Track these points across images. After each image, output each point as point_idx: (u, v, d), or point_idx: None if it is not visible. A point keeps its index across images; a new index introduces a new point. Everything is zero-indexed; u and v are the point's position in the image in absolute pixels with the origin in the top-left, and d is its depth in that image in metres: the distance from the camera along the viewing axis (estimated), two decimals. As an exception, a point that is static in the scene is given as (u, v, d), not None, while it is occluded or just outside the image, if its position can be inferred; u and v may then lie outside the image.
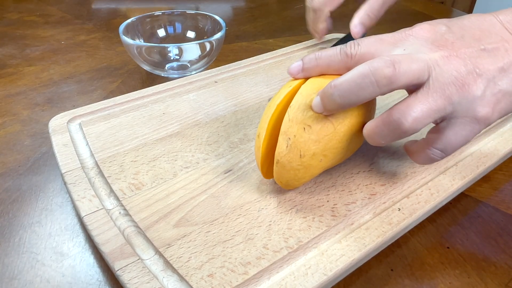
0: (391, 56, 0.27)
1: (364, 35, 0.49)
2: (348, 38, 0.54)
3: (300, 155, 0.28)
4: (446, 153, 0.28)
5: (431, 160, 0.29)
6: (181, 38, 0.58)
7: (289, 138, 0.28)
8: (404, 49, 0.28)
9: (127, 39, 0.49)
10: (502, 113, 0.28)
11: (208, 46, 0.50)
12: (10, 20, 0.73)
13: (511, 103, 0.27)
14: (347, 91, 0.27)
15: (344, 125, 0.29)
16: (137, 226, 0.29)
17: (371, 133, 0.29)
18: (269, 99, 0.39)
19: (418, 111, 0.26)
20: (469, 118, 0.27)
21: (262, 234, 0.28)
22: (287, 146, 0.28)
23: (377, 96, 0.28)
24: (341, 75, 0.28)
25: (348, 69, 0.28)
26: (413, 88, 0.27)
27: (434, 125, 0.29)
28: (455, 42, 0.27)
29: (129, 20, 0.53)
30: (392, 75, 0.26)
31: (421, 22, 0.30)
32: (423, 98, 0.26)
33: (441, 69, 0.26)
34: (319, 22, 0.53)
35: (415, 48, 0.28)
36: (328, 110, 0.28)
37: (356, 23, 0.49)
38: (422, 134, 0.30)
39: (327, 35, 0.60)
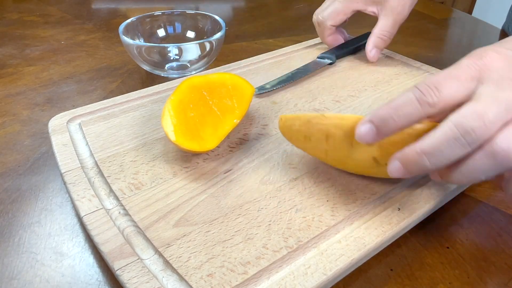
0: (476, 109, 0.24)
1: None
2: (362, 38, 0.55)
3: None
4: (468, 181, 0.27)
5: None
6: (181, 38, 0.58)
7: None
8: (483, 83, 0.25)
9: (127, 39, 0.49)
10: None
11: (208, 46, 0.50)
12: (10, 20, 0.74)
13: None
14: (439, 156, 0.25)
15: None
16: (136, 226, 0.29)
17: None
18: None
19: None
20: (480, 148, 0.25)
21: (261, 233, 0.28)
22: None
23: None
24: None
25: (429, 116, 0.26)
26: None
27: None
28: None
29: (129, 20, 0.53)
30: (484, 131, 0.24)
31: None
32: None
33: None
34: (324, 35, 0.54)
35: (495, 82, 0.25)
36: (412, 173, 0.26)
37: (371, 48, 0.51)
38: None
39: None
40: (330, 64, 0.51)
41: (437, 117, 0.26)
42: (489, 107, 0.24)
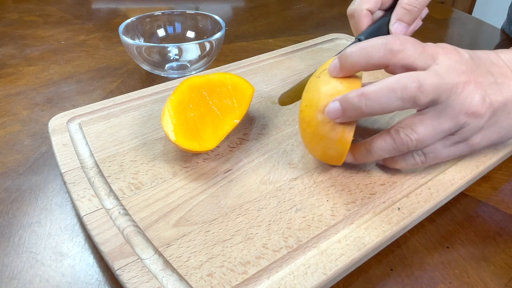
0: (420, 75, 0.28)
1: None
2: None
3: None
4: (428, 162, 0.32)
5: (412, 165, 0.32)
6: (181, 38, 0.58)
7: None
8: (437, 64, 0.29)
9: (127, 39, 0.49)
10: (488, 142, 0.31)
11: (208, 46, 0.50)
12: (10, 20, 0.74)
13: (498, 135, 0.31)
14: (375, 102, 0.28)
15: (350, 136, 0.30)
16: (136, 226, 0.29)
17: (377, 148, 0.31)
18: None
19: (425, 132, 0.29)
20: (463, 142, 0.30)
21: (261, 233, 0.28)
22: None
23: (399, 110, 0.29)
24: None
25: (387, 65, 0.30)
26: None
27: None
28: (474, 70, 0.29)
29: (129, 20, 0.53)
30: (416, 94, 0.28)
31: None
32: (433, 119, 0.29)
33: (459, 95, 0.28)
34: (362, 25, 0.41)
35: (446, 65, 0.29)
36: (348, 117, 0.29)
37: (393, 21, 0.40)
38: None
39: (328, 34, 0.60)
40: None
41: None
42: (430, 79, 0.28)
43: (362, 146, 0.32)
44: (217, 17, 0.55)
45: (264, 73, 0.49)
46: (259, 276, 0.26)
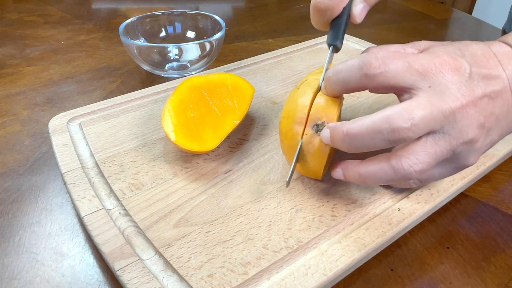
0: (410, 109, 0.25)
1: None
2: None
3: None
4: (423, 183, 0.30)
5: (408, 186, 0.31)
6: (181, 38, 0.58)
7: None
8: (430, 86, 0.26)
9: (127, 39, 0.49)
10: (480, 156, 0.29)
11: (208, 46, 0.50)
12: (10, 20, 0.73)
13: (490, 147, 0.29)
14: (360, 143, 0.26)
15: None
16: (137, 226, 0.29)
17: (372, 177, 0.28)
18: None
19: (428, 162, 0.26)
20: (458, 165, 0.28)
21: (262, 234, 0.28)
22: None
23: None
24: None
25: (367, 88, 0.28)
26: None
27: None
28: (475, 89, 0.26)
29: (129, 20, 0.53)
30: (407, 135, 0.25)
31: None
32: (433, 147, 0.26)
33: (456, 124, 0.26)
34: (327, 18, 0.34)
35: (441, 90, 0.26)
36: (336, 146, 0.28)
37: (358, 1, 0.33)
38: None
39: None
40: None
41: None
42: (422, 111, 0.25)
43: (354, 169, 0.29)
44: (217, 17, 0.55)
45: (264, 73, 0.49)
46: (260, 277, 0.26)
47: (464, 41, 0.30)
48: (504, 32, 0.73)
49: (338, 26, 0.33)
